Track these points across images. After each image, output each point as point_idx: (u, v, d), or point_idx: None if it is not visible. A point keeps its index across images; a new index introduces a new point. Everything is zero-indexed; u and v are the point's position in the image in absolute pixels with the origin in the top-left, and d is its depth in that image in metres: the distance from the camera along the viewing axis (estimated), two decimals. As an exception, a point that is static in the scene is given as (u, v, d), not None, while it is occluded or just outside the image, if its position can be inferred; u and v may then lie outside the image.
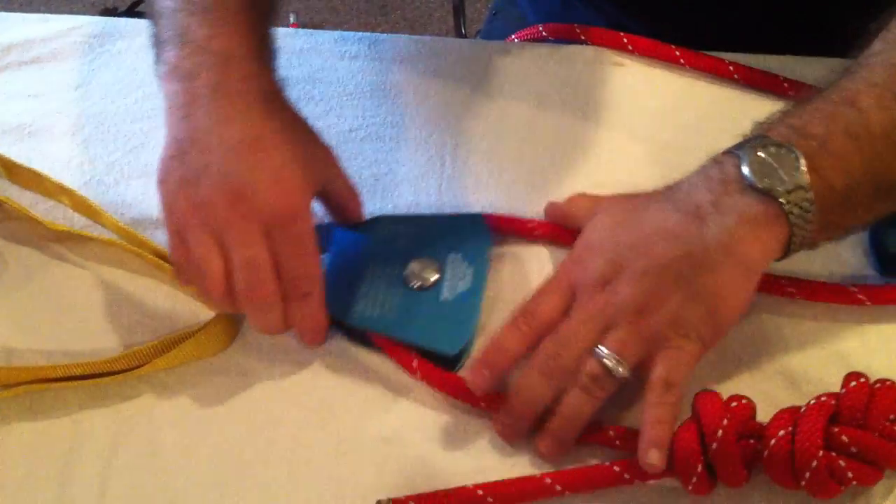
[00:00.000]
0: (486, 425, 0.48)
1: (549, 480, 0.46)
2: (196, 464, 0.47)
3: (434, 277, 0.50)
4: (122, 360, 0.48)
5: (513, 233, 0.54)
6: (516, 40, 0.68)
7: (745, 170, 0.45)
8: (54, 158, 0.58)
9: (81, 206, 0.54)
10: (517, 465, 0.47)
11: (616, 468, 0.46)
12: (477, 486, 0.46)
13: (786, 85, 0.60)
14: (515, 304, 0.49)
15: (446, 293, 0.50)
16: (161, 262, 0.52)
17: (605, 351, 0.45)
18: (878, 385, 0.45)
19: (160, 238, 0.53)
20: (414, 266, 0.51)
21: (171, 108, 0.48)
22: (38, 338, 0.51)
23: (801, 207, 0.44)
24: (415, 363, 0.49)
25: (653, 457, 0.44)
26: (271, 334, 0.49)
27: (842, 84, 0.47)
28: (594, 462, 0.47)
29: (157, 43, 0.50)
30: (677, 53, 0.61)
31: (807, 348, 0.50)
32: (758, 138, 0.46)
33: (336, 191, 0.51)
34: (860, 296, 0.51)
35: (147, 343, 0.49)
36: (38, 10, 0.63)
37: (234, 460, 0.47)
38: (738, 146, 0.47)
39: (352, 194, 0.52)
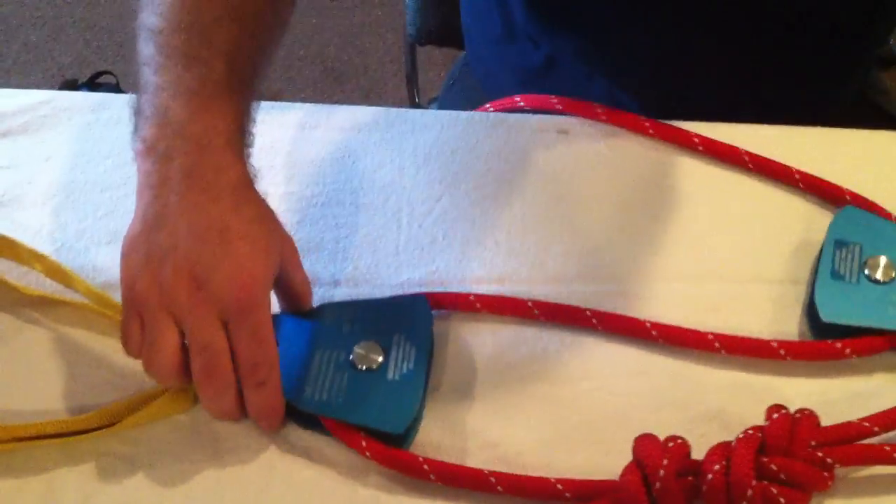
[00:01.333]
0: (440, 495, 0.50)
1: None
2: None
3: (380, 359, 0.52)
4: (94, 419, 0.50)
5: (454, 308, 0.57)
6: (491, 109, 0.72)
7: None
8: (26, 226, 0.60)
9: (54, 271, 0.56)
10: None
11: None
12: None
13: (745, 157, 0.64)
14: (459, 380, 0.53)
15: (392, 373, 0.52)
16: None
17: None
18: (797, 415, 0.49)
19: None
20: (359, 349, 0.53)
21: (143, 186, 0.50)
22: (10, 399, 0.53)
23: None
24: (364, 443, 0.51)
25: None
26: (225, 419, 0.51)
27: None
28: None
29: (137, 114, 0.52)
30: (646, 124, 0.66)
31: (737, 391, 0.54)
32: None
33: (292, 282, 0.53)
34: (781, 351, 0.55)
35: (117, 401, 0.51)
36: (-3, 84, 0.66)
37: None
38: None
39: (306, 287, 0.54)
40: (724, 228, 0.61)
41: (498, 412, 0.53)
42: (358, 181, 0.64)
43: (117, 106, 0.68)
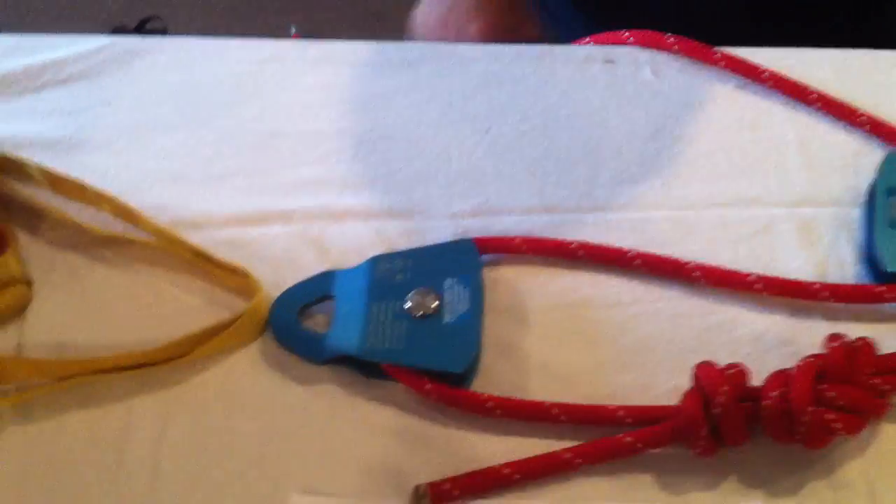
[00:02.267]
0: (504, 429, 0.51)
1: (568, 455, 0.49)
2: (241, 441, 0.51)
3: (434, 304, 0.54)
4: (167, 350, 0.52)
5: (502, 250, 0.58)
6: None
7: None
8: (93, 169, 0.61)
9: (121, 211, 0.58)
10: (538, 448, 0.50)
11: (628, 439, 0.50)
12: (503, 465, 0.49)
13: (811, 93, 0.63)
14: (513, 318, 0.54)
15: (447, 317, 0.53)
16: (197, 258, 0.56)
17: None
18: (857, 343, 0.49)
19: (196, 238, 0.57)
20: (414, 297, 0.54)
21: None
22: (87, 334, 0.55)
23: None
24: (428, 386, 0.52)
25: None
26: None
27: None
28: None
29: None
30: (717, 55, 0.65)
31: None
32: None
33: None
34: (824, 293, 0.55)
35: (188, 334, 0.53)
36: (48, 31, 0.67)
37: (275, 436, 0.51)
38: None
39: None
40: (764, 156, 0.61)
41: (550, 339, 0.55)
42: (408, 116, 0.65)
43: (172, 49, 0.69)
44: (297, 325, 0.55)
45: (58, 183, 0.60)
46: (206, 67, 0.68)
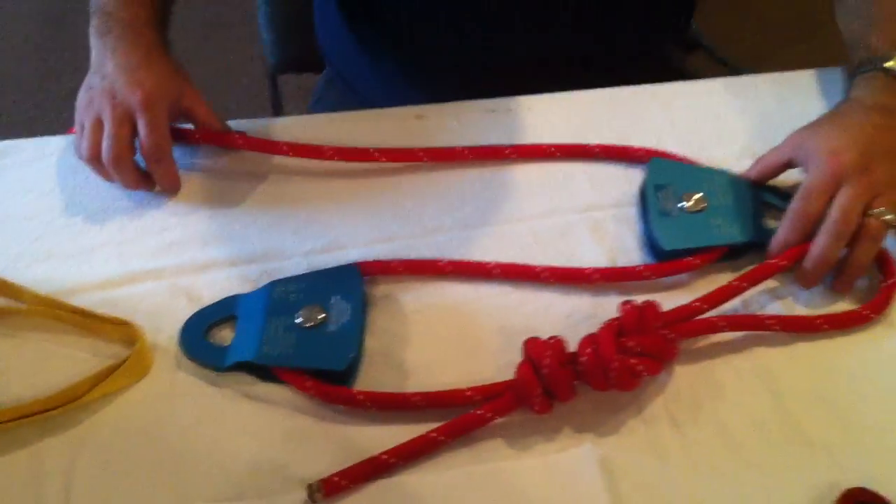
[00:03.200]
0: (379, 420, 0.60)
1: (434, 435, 0.58)
2: (144, 465, 0.57)
3: (321, 316, 0.62)
4: (64, 395, 0.59)
5: (381, 272, 0.67)
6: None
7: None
8: (-29, 258, 0.67)
9: (3, 288, 0.64)
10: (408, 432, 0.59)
11: (479, 412, 0.59)
12: (382, 453, 0.57)
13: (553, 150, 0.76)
14: (391, 330, 0.64)
15: (332, 326, 0.62)
16: (79, 317, 0.63)
17: (880, 209, 0.64)
18: (644, 304, 0.61)
19: (74, 302, 0.64)
20: (304, 312, 0.63)
21: (94, 53, 0.74)
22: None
23: None
24: (308, 383, 0.60)
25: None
26: (133, 189, 0.72)
27: None
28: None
29: (91, 12, 0.76)
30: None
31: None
32: (875, 58, 0.71)
33: (196, 112, 0.74)
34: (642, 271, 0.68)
35: (82, 379, 0.59)
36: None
37: (174, 455, 0.58)
38: (863, 68, 0.72)
39: (210, 116, 0.75)
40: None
41: (421, 341, 0.64)
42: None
43: (28, 149, 0.77)
44: (203, 339, 0.63)
45: (-64, 271, 0.65)
46: (63, 160, 0.76)
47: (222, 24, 2.02)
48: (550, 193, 0.73)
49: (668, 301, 0.64)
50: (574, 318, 0.65)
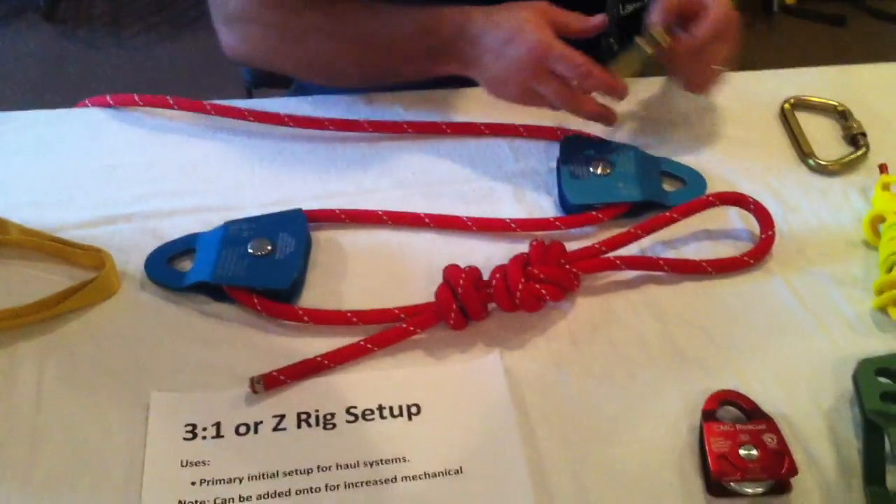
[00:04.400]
0: (318, 333, 0.69)
1: (363, 343, 0.67)
2: (106, 363, 0.66)
3: (269, 247, 0.72)
4: (38, 305, 0.67)
5: (325, 219, 0.77)
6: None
7: None
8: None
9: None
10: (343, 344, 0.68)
11: (403, 325, 0.68)
12: (317, 356, 0.66)
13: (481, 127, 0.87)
14: (331, 266, 0.73)
15: (278, 255, 0.72)
16: (56, 245, 0.72)
17: None
18: (550, 243, 0.71)
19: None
20: (254, 243, 0.72)
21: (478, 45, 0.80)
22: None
23: None
24: (256, 300, 0.70)
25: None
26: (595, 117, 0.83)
27: None
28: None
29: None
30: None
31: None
32: None
33: (570, 26, 0.80)
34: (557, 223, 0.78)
35: (55, 293, 0.68)
36: None
37: (134, 356, 0.66)
38: None
39: (578, 21, 0.81)
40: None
41: (358, 275, 0.74)
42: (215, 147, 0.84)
43: (21, 119, 0.87)
44: (165, 265, 0.72)
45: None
46: (48, 130, 0.86)
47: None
48: (478, 163, 0.84)
49: (575, 248, 0.74)
50: (493, 260, 0.74)
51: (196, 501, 0.58)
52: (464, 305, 0.68)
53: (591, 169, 0.81)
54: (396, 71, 0.85)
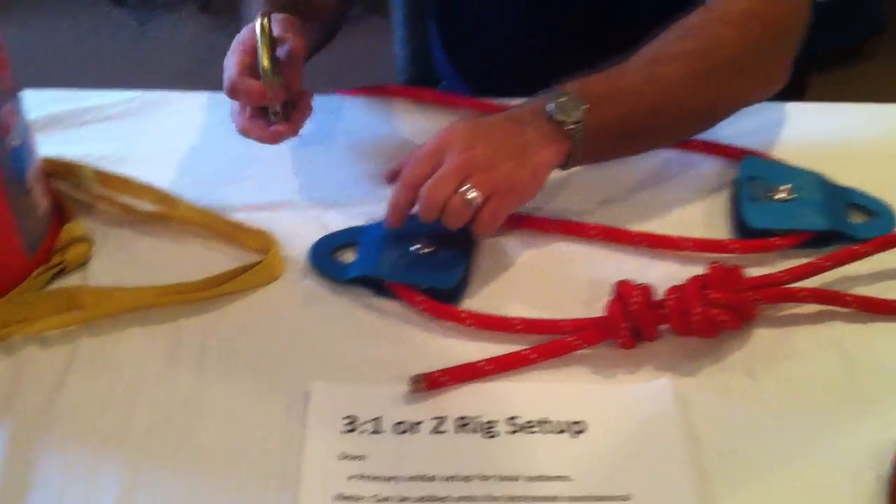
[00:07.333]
0: (479, 338, 0.67)
1: (528, 353, 0.64)
2: (269, 347, 0.66)
3: (433, 248, 0.70)
4: (204, 283, 0.68)
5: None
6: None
7: (550, 107, 0.70)
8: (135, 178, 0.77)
9: (161, 198, 0.74)
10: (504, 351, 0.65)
11: (570, 339, 0.65)
12: (480, 361, 0.64)
13: None
14: (494, 271, 0.72)
15: (443, 255, 0.70)
16: (224, 226, 0.72)
17: (466, 187, 0.67)
18: (730, 266, 0.67)
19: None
20: (419, 241, 0.71)
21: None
22: (135, 283, 0.69)
23: (578, 134, 0.70)
24: (419, 299, 0.68)
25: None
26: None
27: (627, 62, 0.74)
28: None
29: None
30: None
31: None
32: (559, 92, 0.71)
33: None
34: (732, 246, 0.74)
35: (221, 272, 0.68)
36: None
37: (297, 343, 0.66)
38: (547, 96, 0.71)
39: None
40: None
41: (516, 286, 0.71)
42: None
43: (181, 99, 0.89)
44: (328, 256, 0.71)
45: (106, 180, 0.75)
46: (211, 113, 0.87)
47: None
48: (645, 177, 0.81)
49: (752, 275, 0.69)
50: (660, 279, 0.70)
51: (354, 496, 0.56)
52: (636, 324, 0.65)
53: (773, 193, 0.76)
54: None
